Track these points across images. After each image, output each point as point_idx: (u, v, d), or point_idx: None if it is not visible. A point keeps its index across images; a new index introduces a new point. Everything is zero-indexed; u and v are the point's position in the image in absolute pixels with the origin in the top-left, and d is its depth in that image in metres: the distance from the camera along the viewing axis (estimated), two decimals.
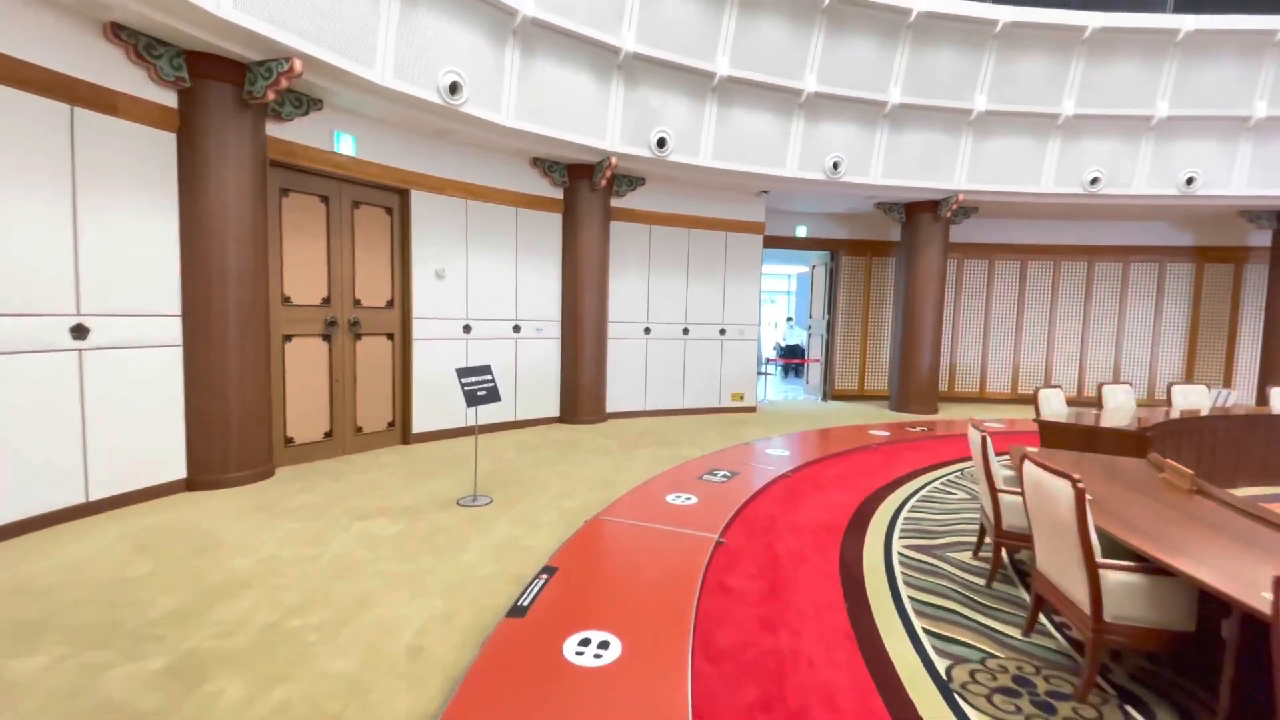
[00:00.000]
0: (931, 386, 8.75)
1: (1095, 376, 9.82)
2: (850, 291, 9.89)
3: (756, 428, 7.20)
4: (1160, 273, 9.59)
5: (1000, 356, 10.02)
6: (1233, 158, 7.69)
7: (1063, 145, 7.90)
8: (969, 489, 4.88)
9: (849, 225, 9.86)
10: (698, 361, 8.15)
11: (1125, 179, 7.94)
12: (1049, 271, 9.85)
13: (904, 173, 7.86)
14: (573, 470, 5.07)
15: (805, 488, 4.74)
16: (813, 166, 7.53)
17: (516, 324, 6.80)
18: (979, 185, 8.01)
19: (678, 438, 6.53)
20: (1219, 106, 7.43)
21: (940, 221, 8.52)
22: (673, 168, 7.06)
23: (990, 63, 7.41)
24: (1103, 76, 7.50)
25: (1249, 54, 7.19)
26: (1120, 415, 5.46)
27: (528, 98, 5.84)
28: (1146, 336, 9.71)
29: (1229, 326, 9.43)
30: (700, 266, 8.06)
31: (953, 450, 6.22)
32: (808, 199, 8.75)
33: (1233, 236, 9.32)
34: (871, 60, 7.20)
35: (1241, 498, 2.65)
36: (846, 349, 9.93)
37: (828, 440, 6.52)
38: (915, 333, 8.69)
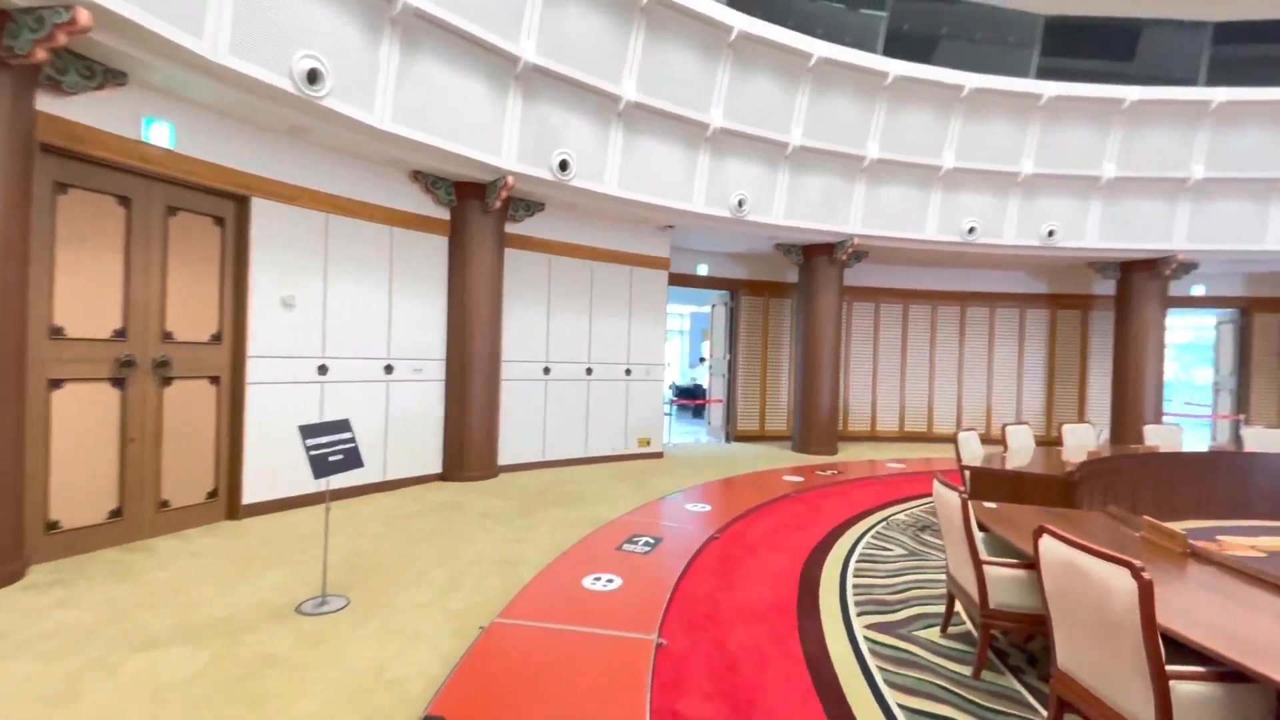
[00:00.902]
0: (831, 427, 8.68)
1: (970, 414, 10.37)
2: (750, 332, 9.74)
3: (668, 477, 6.58)
4: (1021, 318, 10.43)
5: (888, 396, 10.30)
6: (1086, 213, 8.50)
7: (944, 196, 8.31)
8: (900, 542, 4.55)
9: (748, 265, 9.79)
10: (602, 404, 7.44)
11: (997, 230, 8.49)
12: (928, 315, 10.36)
13: (804, 215, 7.85)
14: (460, 547, 4.10)
15: (737, 552, 4.13)
16: (719, 203, 7.27)
17: (389, 363, 5.72)
18: (872, 230, 8.19)
19: (585, 493, 5.72)
20: (1075, 167, 8.19)
21: (836, 264, 8.62)
22: (576, 194, 6.45)
23: (881, 113, 7.65)
24: (978, 133, 8.01)
25: (1100, 120, 8.01)
26: (1023, 455, 5.48)
27: (408, 99, 4.98)
28: (1012, 376, 10.45)
29: (1079, 367, 10.39)
30: (605, 302, 7.44)
31: (869, 496, 5.97)
32: (709, 237, 8.50)
33: (1081, 285, 10.37)
34: (775, 100, 7.14)
35: (1243, 559, 2.38)
36: (747, 389, 9.72)
37: (745, 489, 6.03)
38: (815, 374, 8.63)
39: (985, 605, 2.62)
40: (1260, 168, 7.95)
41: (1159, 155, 8.11)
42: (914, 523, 5.12)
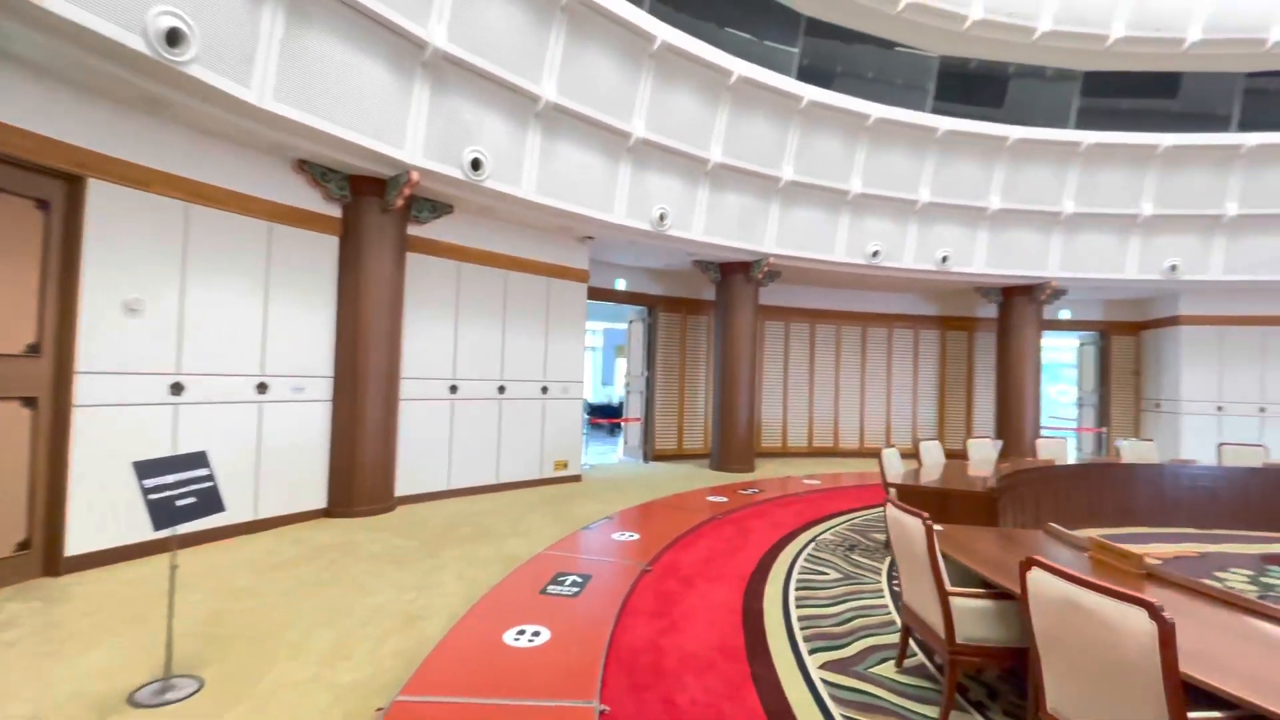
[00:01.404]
0: (749, 444, 8.65)
1: (872, 430, 10.78)
2: (668, 349, 9.58)
3: (589, 503, 6.15)
4: (915, 338, 11.04)
5: (797, 413, 10.49)
6: (974, 241, 9.12)
7: (851, 220, 8.61)
8: (833, 565, 4.41)
9: (665, 282, 9.64)
10: (516, 426, 6.89)
11: (898, 254, 8.91)
12: (833, 335, 10.71)
13: (723, 232, 7.81)
14: (351, 601, 3.46)
15: (674, 586, 3.80)
16: (640, 216, 7.04)
17: (263, 381, 4.90)
18: (786, 250, 8.30)
19: (498, 526, 5.17)
20: (965, 198, 8.77)
21: (752, 283, 8.66)
22: (489, 196, 5.95)
23: (795, 136, 7.80)
24: (882, 161, 8.38)
25: (986, 156, 8.63)
26: (936, 470, 5.62)
27: (295, 76, 4.32)
28: (908, 393, 11.00)
29: (966, 384, 11.13)
30: (520, 314, 6.94)
31: (793, 516, 5.87)
32: (628, 251, 8.26)
33: (967, 308, 11.15)
34: (696, 115, 7.06)
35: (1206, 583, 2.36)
36: (665, 407, 9.51)
37: (671, 513, 5.73)
38: (733, 391, 8.57)
39: (952, 640, 2.45)
40: (1121, 205, 8.90)
41: (1036, 190, 8.88)
42: (841, 542, 5.04)
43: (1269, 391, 9.61)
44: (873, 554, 4.74)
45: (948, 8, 7.88)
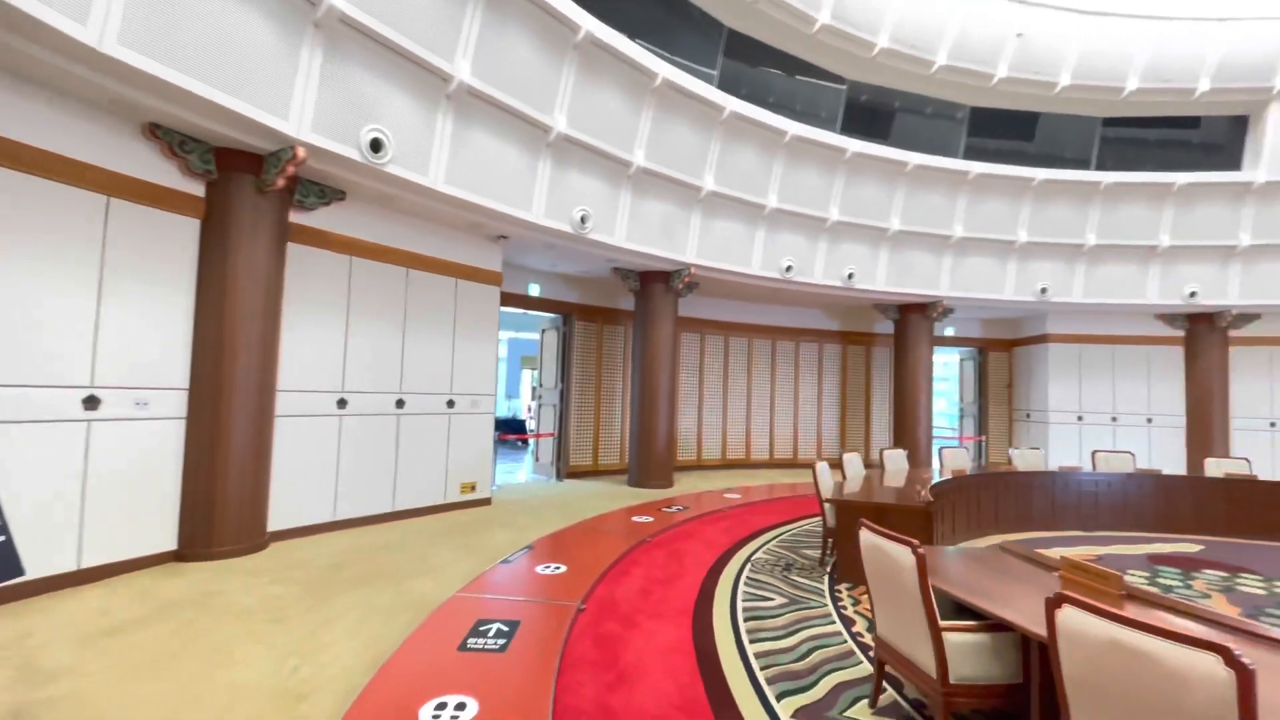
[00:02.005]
0: (668, 459, 8.38)
1: (782, 442, 10.94)
2: (584, 359, 9.13)
3: (503, 530, 5.55)
4: (820, 352, 11.38)
5: (712, 425, 10.42)
6: (877, 260, 9.51)
7: (767, 234, 8.67)
8: (775, 588, 4.18)
9: (582, 289, 9.21)
10: (417, 444, 6.13)
11: (809, 269, 9.09)
12: (746, 347, 10.78)
13: (645, 239, 7.53)
14: (208, 680, 2.70)
15: (615, 628, 3.36)
16: (560, 216, 6.59)
17: (92, 394, 3.91)
18: (706, 261, 8.18)
19: (400, 563, 4.46)
20: (870, 218, 9.12)
21: (672, 292, 8.45)
22: (391, 183, 5.25)
23: (717, 147, 7.72)
24: (796, 178, 8.53)
25: (889, 179, 9.04)
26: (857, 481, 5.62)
27: (147, 16, 3.49)
28: (814, 405, 11.30)
29: (865, 397, 11.62)
30: (424, 319, 6.21)
31: (722, 534, 5.63)
32: (544, 254, 7.76)
33: (866, 324, 11.67)
34: (620, 116, 6.75)
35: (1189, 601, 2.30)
36: (581, 421, 9.03)
37: (596, 538, 5.28)
38: (652, 404, 8.28)
39: (945, 680, 2.22)
40: (1001, 231, 9.66)
41: (931, 214, 9.43)
42: (777, 561, 4.84)
43: (1119, 403, 10.82)
44: (810, 573, 4.57)
45: (859, 34, 8.18)
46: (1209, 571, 4.99)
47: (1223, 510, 6.39)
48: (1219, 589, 4.52)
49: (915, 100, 9.36)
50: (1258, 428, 10.28)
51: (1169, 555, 5.53)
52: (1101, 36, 8.75)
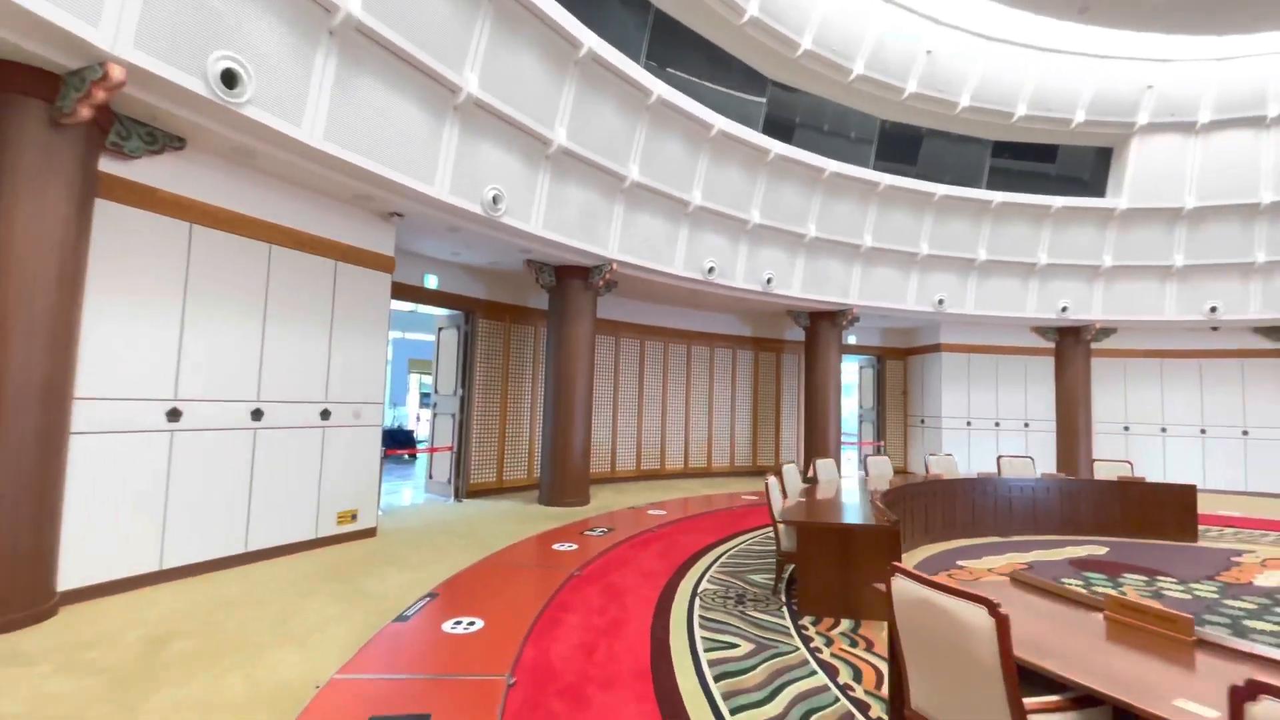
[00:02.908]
0: (584, 473, 7.61)
1: (696, 450, 10.55)
2: (488, 362, 8.12)
3: (395, 570, 4.50)
4: (734, 358, 11.14)
5: (627, 434, 9.78)
6: (793, 266, 9.38)
7: (690, 233, 8.21)
8: (734, 629, 3.58)
9: (487, 283, 8.21)
10: (281, 466, 4.90)
11: (730, 272, 8.76)
12: (661, 352, 10.28)
13: (564, 229, 6.75)
14: None
15: (560, 710, 2.57)
16: (469, 194, 5.66)
17: None
18: (628, 257, 7.55)
19: (251, 629, 3.34)
20: (788, 223, 8.96)
21: (591, 290, 7.72)
22: (250, 131, 4.11)
23: (643, 134, 7.13)
24: (720, 177, 8.15)
25: (806, 184, 8.93)
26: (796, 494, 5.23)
27: None
28: (727, 412, 11.02)
29: (775, 404, 11.54)
30: (291, 309, 5.01)
31: (658, 560, 4.98)
32: (446, 240, 6.73)
33: (777, 331, 11.61)
34: (540, 86, 5.96)
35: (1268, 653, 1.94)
36: (484, 432, 8.01)
37: (513, 577, 4.42)
38: (567, 412, 7.48)
39: None
40: (905, 243, 9.91)
41: (844, 223, 9.46)
42: (726, 593, 4.26)
43: (1001, 409, 11.55)
44: (767, 605, 4.02)
45: (785, 31, 7.97)
46: (1130, 576, 5.08)
47: (1118, 512, 6.73)
48: (1149, 595, 4.55)
49: (833, 109, 9.37)
50: (1114, 431, 11.38)
51: (1087, 560, 5.64)
52: (999, 63, 9.23)
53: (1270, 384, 10.42)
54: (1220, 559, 5.74)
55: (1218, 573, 5.23)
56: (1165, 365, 11.22)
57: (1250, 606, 4.30)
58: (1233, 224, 9.82)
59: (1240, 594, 4.60)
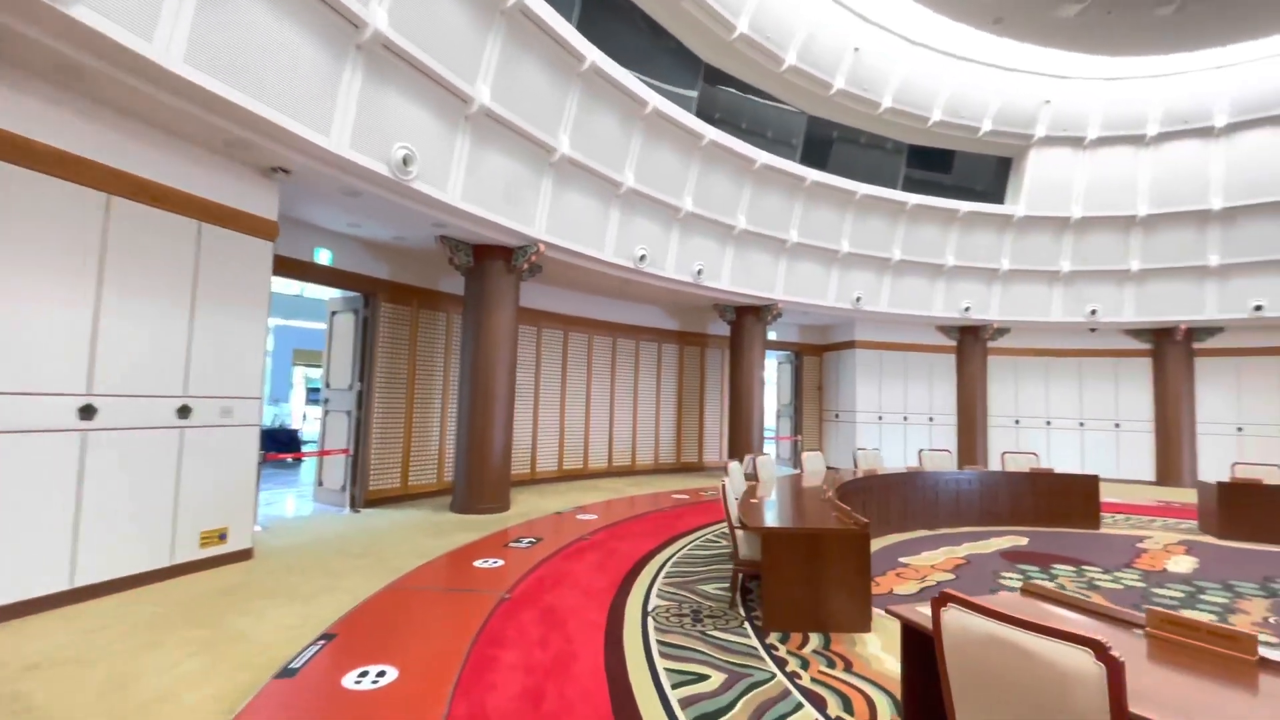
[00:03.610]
0: (504, 476, 6.89)
1: (621, 448, 10.07)
2: (392, 352, 7.17)
3: (276, 604, 3.64)
4: (659, 352, 10.76)
5: (549, 432, 9.12)
6: (723, 258, 9.12)
7: (622, 217, 7.70)
8: (702, 657, 3.13)
9: (392, 261, 7.24)
10: (123, 476, 3.84)
11: (661, 261, 8.34)
12: (585, 344, 9.69)
13: (485, 201, 6.01)
14: None
15: None
16: (373, 150, 4.81)
17: None
18: (556, 238, 6.91)
19: (76, 700, 2.44)
20: (719, 213, 8.68)
21: (514, 274, 7.00)
22: (77, 42, 3.11)
23: (575, 102, 6.53)
24: (653, 159, 7.70)
25: (738, 175, 8.69)
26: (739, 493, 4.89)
27: None
28: (652, 408, 10.63)
29: (699, 400, 11.29)
30: (139, 278, 3.96)
31: (596, 574, 4.44)
32: (342, 208, 5.78)
33: (701, 325, 11.36)
34: (460, 35, 5.20)
35: None
36: (386, 432, 7.06)
37: (428, 604, 3.70)
38: (487, 409, 6.73)
39: None
40: (828, 240, 9.96)
41: (772, 217, 9.34)
42: (680, 610, 3.80)
43: (909, 403, 12.00)
44: (728, 622, 3.60)
45: (721, 10, 7.65)
46: (1060, 567, 5.17)
47: (1031, 502, 7.00)
48: (1085, 586, 4.60)
49: (765, 100, 9.20)
50: (1006, 424, 12.16)
51: (1014, 551, 5.73)
52: (919, 68, 9.44)
53: (1138, 381, 11.52)
54: (1127, 545, 6.05)
55: (1131, 560, 5.46)
56: (1050, 363, 12.13)
57: (1179, 595, 4.43)
58: (1112, 234, 10.71)
59: (1163, 582, 4.77)
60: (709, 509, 7.15)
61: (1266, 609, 4.13)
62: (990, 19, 8.67)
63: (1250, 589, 4.60)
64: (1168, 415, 11.15)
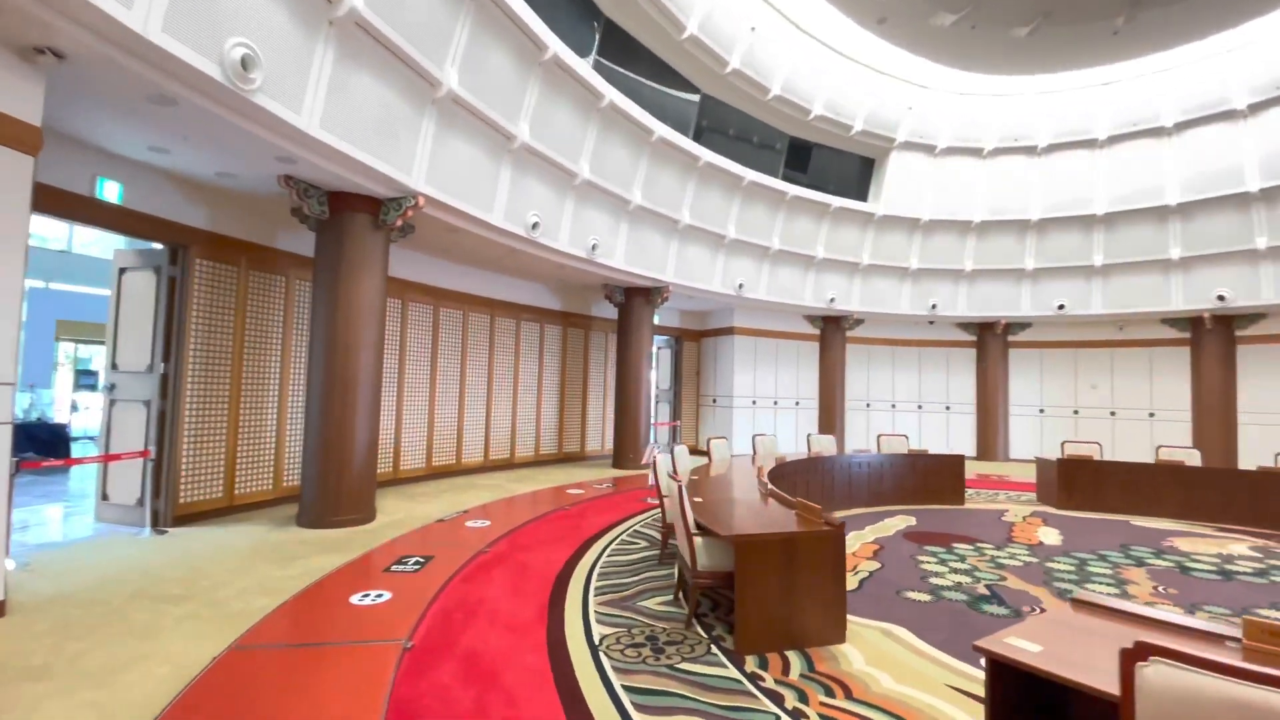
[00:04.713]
0: (369, 478, 5.68)
1: (499, 439, 9.08)
2: (210, 322, 5.56)
3: (42, 695, 2.37)
4: (541, 333, 9.90)
5: (415, 423, 7.88)
6: (617, 234, 8.51)
7: (514, 175, 6.75)
8: (679, 699, 2.55)
9: (213, 205, 5.59)
10: None
11: (555, 231, 7.53)
12: (460, 322, 8.54)
13: (354, 134, 4.79)
14: None
15: None
16: (194, 37, 3.49)
17: None
18: (438, 192, 5.81)
19: None
20: (616, 184, 8.04)
21: (383, 231, 5.77)
22: None
23: (466, 32, 5.48)
24: (551, 115, 6.86)
25: (635, 144, 8.13)
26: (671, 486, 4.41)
27: None
28: (533, 394, 9.75)
29: (583, 386, 10.62)
30: None
31: (513, 598, 3.65)
32: (144, 123, 4.23)
33: (585, 306, 10.65)
34: None
35: None
36: (204, 428, 5.47)
37: (299, 670, 2.68)
38: (347, 398, 5.48)
39: None
40: (716, 224, 9.79)
41: (666, 194, 8.92)
42: (630, 637, 3.17)
43: (780, 388, 12.41)
44: (693, 647, 3.05)
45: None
46: (961, 546, 5.36)
47: (911, 482, 7.38)
48: (991, 565, 4.76)
49: (663, 69, 8.69)
50: (859, 408, 13.10)
51: (910, 532, 5.89)
52: (807, 59, 9.56)
53: (965, 369, 13.01)
54: (994, 519, 6.55)
55: (1009, 534, 5.86)
56: (896, 352, 13.27)
57: (1069, 568, 4.74)
58: (953, 236, 11.86)
59: (1049, 555, 5.12)
60: (612, 504, 6.57)
61: (1147, 578, 4.54)
62: (875, 18, 8.97)
63: (1118, 558, 5.09)
64: (987, 399, 12.73)
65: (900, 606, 3.74)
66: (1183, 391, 11.11)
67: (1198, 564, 4.95)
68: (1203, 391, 10.75)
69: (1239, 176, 9.49)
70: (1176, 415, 11.16)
